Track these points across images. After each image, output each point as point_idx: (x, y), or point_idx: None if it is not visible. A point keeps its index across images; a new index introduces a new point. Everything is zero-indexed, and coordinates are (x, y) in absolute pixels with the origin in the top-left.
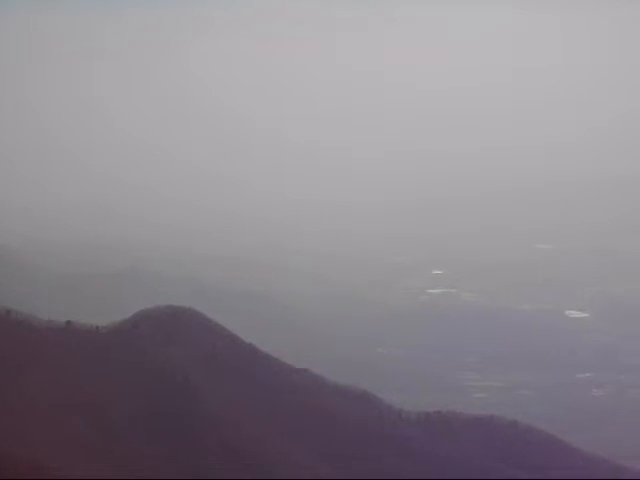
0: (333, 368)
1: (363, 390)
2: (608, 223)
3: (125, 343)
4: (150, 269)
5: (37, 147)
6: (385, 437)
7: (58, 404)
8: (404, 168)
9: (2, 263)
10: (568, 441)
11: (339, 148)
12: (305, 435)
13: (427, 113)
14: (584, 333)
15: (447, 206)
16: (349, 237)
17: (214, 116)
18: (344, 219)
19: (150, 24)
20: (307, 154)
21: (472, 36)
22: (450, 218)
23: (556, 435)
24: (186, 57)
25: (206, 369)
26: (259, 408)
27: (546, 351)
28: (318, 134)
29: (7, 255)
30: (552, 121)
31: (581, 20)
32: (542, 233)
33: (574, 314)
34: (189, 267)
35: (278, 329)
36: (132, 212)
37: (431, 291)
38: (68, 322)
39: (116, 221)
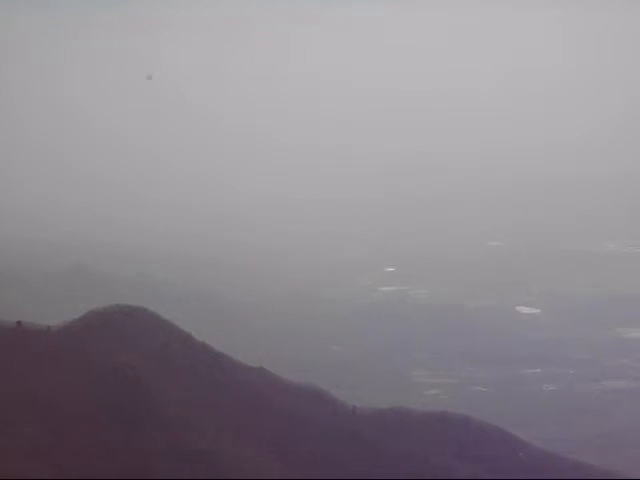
0: (287, 366)
1: (317, 387)
2: (565, 223)
3: (76, 343)
4: (100, 267)
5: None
6: (339, 434)
7: (7, 406)
8: (357, 165)
9: None
10: (519, 435)
11: (305, 146)
12: (259, 433)
13: (386, 112)
14: (534, 329)
15: (400, 204)
16: (301, 235)
17: (177, 111)
18: (297, 216)
19: (125, 24)
20: (265, 150)
21: (467, 37)
22: (403, 216)
23: (508, 430)
24: (156, 55)
25: (158, 368)
26: (212, 407)
27: (497, 347)
28: (284, 130)
29: None
30: (519, 122)
31: (566, 17)
32: (494, 231)
33: (525, 310)
34: (140, 265)
35: (231, 328)
36: (83, 208)
37: (384, 289)
38: (18, 322)
39: (64, 218)
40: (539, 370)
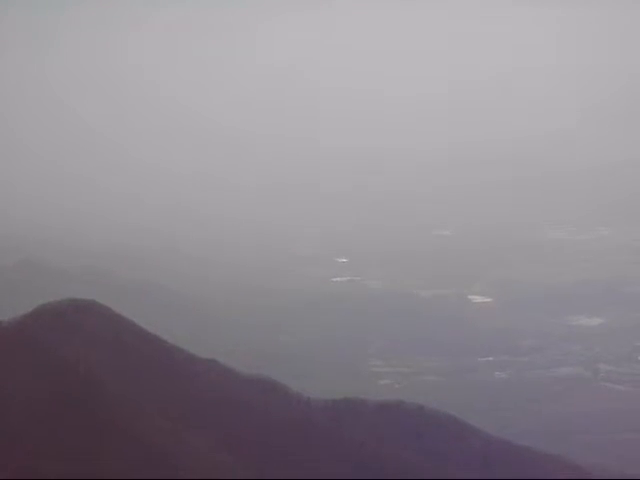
0: (240, 358)
1: (271, 379)
2: (515, 212)
3: (27, 338)
4: (49, 262)
5: None
6: (294, 425)
7: None
8: (314, 157)
9: None
10: (473, 423)
11: (262, 134)
12: (212, 425)
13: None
14: (486, 318)
15: (352, 195)
16: (253, 225)
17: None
18: (249, 206)
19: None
20: (218, 138)
21: (459, 32)
22: (354, 206)
23: (461, 418)
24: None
25: (111, 362)
26: (166, 400)
27: (450, 336)
28: (244, 120)
29: None
30: (473, 116)
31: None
32: (445, 221)
33: (477, 299)
34: (89, 259)
35: (182, 321)
36: (35, 197)
37: (336, 279)
38: None
39: (15, 209)
40: (491, 358)
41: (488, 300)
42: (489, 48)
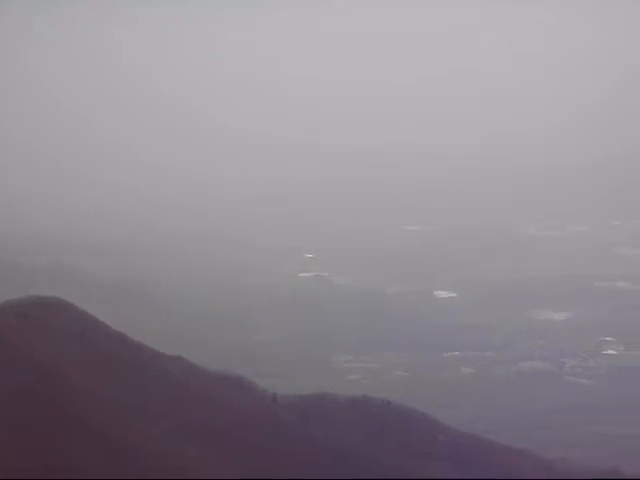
0: (206, 354)
1: (237, 375)
2: (481, 207)
3: None
4: (10, 258)
5: None
6: (261, 421)
7: None
8: (282, 151)
9: None
10: (439, 418)
11: (233, 128)
12: (179, 422)
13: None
14: (452, 313)
15: (318, 189)
16: (220, 221)
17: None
18: (214, 201)
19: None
20: (195, 130)
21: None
22: (321, 201)
23: (428, 413)
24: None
25: (75, 359)
26: (132, 397)
27: (417, 331)
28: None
29: None
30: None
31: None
32: (411, 216)
33: (443, 294)
34: (52, 255)
35: (149, 318)
36: None
37: (303, 275)
38: None
39: None
40: (457, 354)
41: (454, 296)
42: (471, 45)
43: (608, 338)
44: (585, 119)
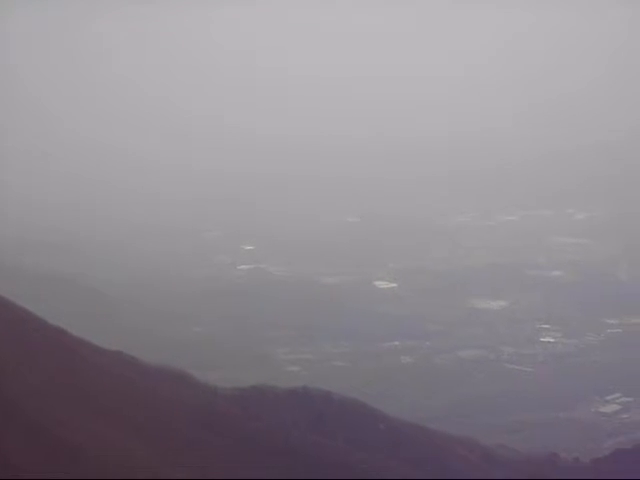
0: (146, 348)
1: (177, 368)
2: (420, 198)
3: None
4: None
5: None
6: (201, 414)
7: None
8: (212, 140)
9: None
10: (380, 408)
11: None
12: (119, 415)
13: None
14: (392, 303)
15: (256, 180)
16: (158, 212)
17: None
18: (154, 196)
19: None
20: (133, 114)
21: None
22: (258, 193)
23: (368, 403)
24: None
25: (12, 354)
26: (70, 391)
27: (356, 322)
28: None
29: None
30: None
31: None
32: (351, 208)
33: (382, 285)
34: None
35: (88, 313)
36: None
37: (243, 267)
38: None
39: None
40: (397, 343)
41: (394, 286)
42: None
43: (545, 326)
44: (536, 118)
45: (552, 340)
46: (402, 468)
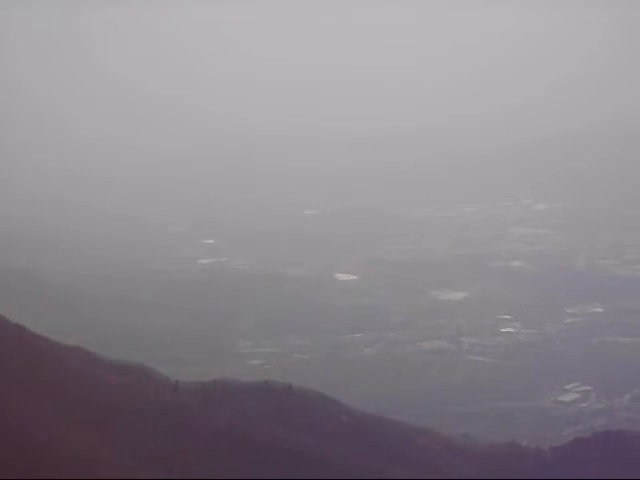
0: (107, 342)
1: (138, 363)
2: (380, 189)
3: None
4: None
5: None
6: (162, 408)
7: None
8: (177, 134)
9: None
10: (342, 400)
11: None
12: (80, 411)
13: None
14: (353, 295)
15: (216, 174)
16: (118, 207)
17: None
18: (111, 191)
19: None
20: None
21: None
22: (219, 186)
23: (331, 395)
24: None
25: None
26: (30, 387)
27: (318, 314)
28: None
29: None
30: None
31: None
32: (311, 200)
33: (343, 277)
34: None
35: (47, 308)
36: None
37: (203, 261)
38: None
39: None
40: (359, 335)
41: (354, 278)
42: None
43: (506, 316)
44: (499, 113)
45: (512, 330)
46: (364, 458)
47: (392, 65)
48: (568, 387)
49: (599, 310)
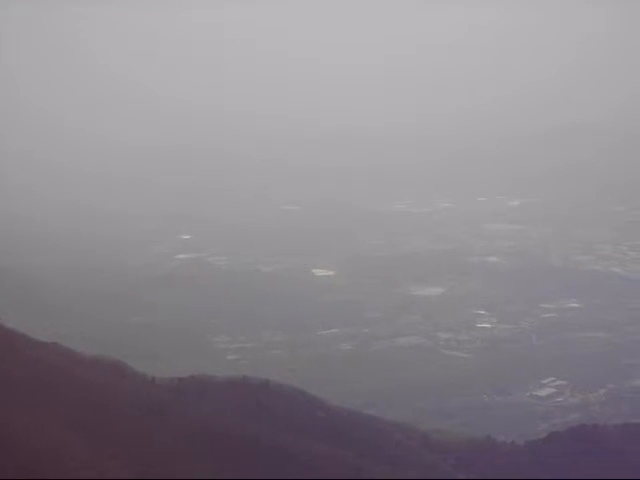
0: (83, 339)
1: (115, 359)
2: (358, 185)
3: None
4: None
5: None
6: (139, 405)
7: None
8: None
9: None
10: (319, 395)
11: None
12: (57, 408)
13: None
14: (330, 291)
15: (193, 169)
16: (93, 201)
17: None
18: (88, 184)
19: None
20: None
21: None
22: (195, 182)
23: (307, 391)
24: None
25: None
26: (7, 384)
27: (295, 310)
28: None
29: None
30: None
31: None
32: (289, 195)
33: (320, 273)
34: None
35: (21, 303)
36: None
37: (180, 256)
38: None
39: None
40: (336, 331)
41: (331, 273)
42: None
43: (481, 312)
44: (474, 111)
45: (488, 326)
46: (340, 454)
47: (361, 64)
48: (544, 382)
49: (575, 305)
